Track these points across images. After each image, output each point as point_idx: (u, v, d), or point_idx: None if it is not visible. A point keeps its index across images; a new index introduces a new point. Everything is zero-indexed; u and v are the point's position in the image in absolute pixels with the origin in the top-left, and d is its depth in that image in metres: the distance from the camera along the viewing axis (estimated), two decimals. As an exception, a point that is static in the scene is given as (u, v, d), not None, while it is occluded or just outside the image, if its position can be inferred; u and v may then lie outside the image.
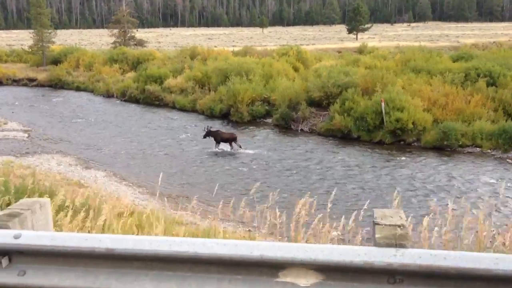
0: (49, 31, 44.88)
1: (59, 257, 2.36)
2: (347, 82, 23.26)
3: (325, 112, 23.46)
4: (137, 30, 54.57)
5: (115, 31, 51.32)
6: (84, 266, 2.35)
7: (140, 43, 50.69)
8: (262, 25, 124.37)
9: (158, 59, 38.63)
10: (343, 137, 21.12)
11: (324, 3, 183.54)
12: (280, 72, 29.35)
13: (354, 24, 76.86)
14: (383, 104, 20.20)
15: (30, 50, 45.76)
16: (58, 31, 48.91)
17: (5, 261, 2.41)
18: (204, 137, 20.14)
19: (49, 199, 3.37)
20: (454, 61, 28.76)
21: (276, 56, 35.60)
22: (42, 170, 16.55)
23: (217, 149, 19.96)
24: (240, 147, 19.84)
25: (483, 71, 22.68)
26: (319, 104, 24.02)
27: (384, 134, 20.06)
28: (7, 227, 2.56)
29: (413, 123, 19.61)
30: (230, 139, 20.01)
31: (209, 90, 28.85)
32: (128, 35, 50.11)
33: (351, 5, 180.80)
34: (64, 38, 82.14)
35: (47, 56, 44.51)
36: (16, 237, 2.39)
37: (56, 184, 12.53)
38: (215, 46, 55.92)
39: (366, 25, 79.83)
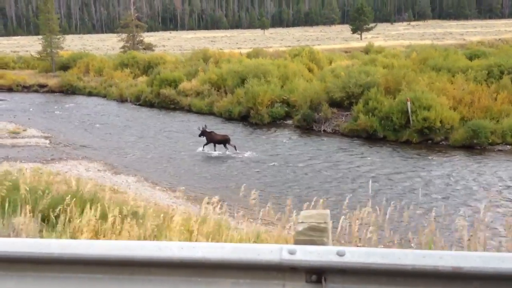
0: (58, 36, 44.75)
1: None
2: (369, 82, 23.15)
3: (347, 113, 23.34)
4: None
5: (124, 35, 51.23)
6: None
7: (149, 47, 50.59)
8: (263, 26, 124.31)
9: (169, 62, 38.50)
10: (368, 137, 20.99)
11: (323, 4, 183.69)
12: (296, 73, 29.25)
13: (358, 23, 76.80)
14: (409, 103, 20.08)
15: (39, 56, 45.61)
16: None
17: None
18: (200, 136, 20.31)
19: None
20: (468, 59, 28.71)
21: (288, 57, 35.51)
22: (73, 177, 16.41)
23: (206, 150, 20.05)
24: (235, 148, 19.78)
25: (507, 68, 22.58)
26: (340, 104, 23.89)
27: (411, 134, 19.94)
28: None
29: (440, 122, 19.49)
30: (223, 141, 20.02)
31: (225, 93, 28.72)
32: (137, 39, 50.04)
33: (350, 5, 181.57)
34: (67, 44, 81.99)
35: (56, 62, 44.37)
36: None
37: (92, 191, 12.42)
38: (221, 49, 55.84)
39: (370, 25, 79.81)
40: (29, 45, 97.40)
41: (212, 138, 20.14)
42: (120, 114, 29.77)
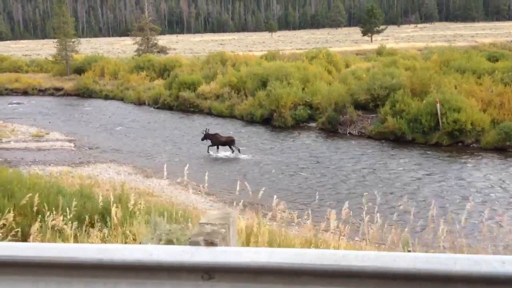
0: (73, 40, 44.79)
1: None
2: (394, 84, 22.98)
3: (372, 115, 23.18)
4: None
5: (138, 38, 51.25)
6: None
7: (163, 50, 50.58)
8: (271, 29, 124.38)
9: (185, 65, 38.43)
10: (396, 140, 20.81)
11: (329, 7, 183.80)
12: (316, 75, 29.12)
13: (368, 26, 76.65)
14: (438, 105, 19.90)
15: (54, 59, 45.64)
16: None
17: None
18: (202, 139, 20.19)
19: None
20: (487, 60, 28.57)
21: (305, 60, 35.38)
22: (105, 180, 16.33)
23: (211, 153, 20.04)
24: (239, 151, 19.74)
25: (535, 70, 22.40)
26: (365, 107, 23.75)
27: (441, 136, 19.74)
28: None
29: (471, 124, 19.31)
30: (228, 142, 19.98)
31: (245, 96, 28.60)
32: (151, 42, 50.06)
33: (356, 7, 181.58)
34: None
35: (70, 65, 44.41)
36: None
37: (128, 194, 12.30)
38: (232, 52, 55.82)
39: (381, 27, 79.66)
40: (38, 49, 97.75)
41: (217, 140, 20.11)
42: (140, 117, 29.70)
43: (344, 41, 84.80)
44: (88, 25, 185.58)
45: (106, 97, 37.24)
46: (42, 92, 40.62)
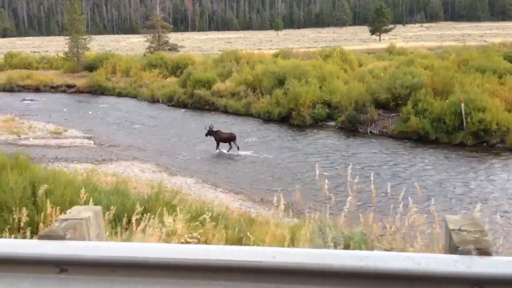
0: (84, 37, 44.68)
1: None
2: (416, 83, 22.83)
3: (392, 114, 23.05)
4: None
5: (150, 36, 51.12)
6: None
7: (174, 47, 50.44)
8: (277, 28, 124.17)
9: (198, 63, 38.31)
10: (419, 140, 20.66)
11: (334, 5, 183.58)
12: (333, 74, 28.98)
13: (377, 25, 76.43)
14: (463, 105, 19.75)
15: (66, 56, 45.53)
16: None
17: None
18: (206, 135, 20.59)
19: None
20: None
21: (319, 58, 35.22)
22: (131, 178, 16.22)
23: (218, 150, 20.22)
24: (238, 148, 19.90)
25: (559, 69, 22.23)
26: (385, 106, 23.61)
27: (465, 136, 19.58)
28: None
29: (496, 124, 19.16)
30: (229, 139, 20.19)
31: (261, 94, 28.46)
32: (162, 40, 49.94)
33: (361, 6, 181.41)
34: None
35: (81, 62, 44.31)
36: None
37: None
38: (241, 50, 55.65)
39: (389, 26, 79.42)
40: (45, 46, 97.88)
41: (218, 137, 20.36)
42: (155, 115, 29.58)
43: (352, 40, 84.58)
44: (92, 22, 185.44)
45: (119, 95, 37.12)
46: (54, 89, 40.52)
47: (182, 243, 8.14)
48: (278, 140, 22.31)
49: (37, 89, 40.59)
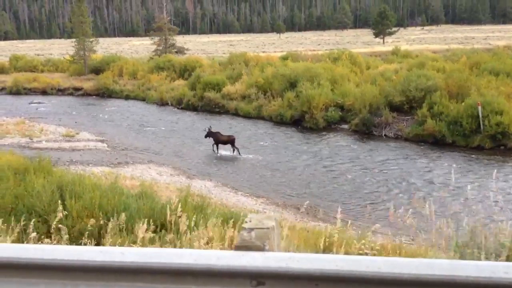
0: (91, 39, 44.58)
1: None
2: (431, 86, 22.74)
3: (407, 117, 22.94)
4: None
5: (156, 39, 51.03)
6: None
7: (181, 50, 50.34)
8: (279, 30, 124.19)
9: (206, 66, 38.23)
10: (435, 143, 20.55)
11: (335, 8, 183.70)
12: (344, 76, 28.89)
13: (381, 28, 76.40)
14: (480, 107, 19.65)
15: (72, 59, 45.42)
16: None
17: None
18: (205, 136, 20.74)
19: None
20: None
21: (328, 61, 35.11)
22: (151, 181, 16.08)
23: (218, 152, 20.36)
24: (238, 151, 19.99)
25: None
26: (399, 108, 23.49)
27: (483, 139, 19.46)
28: None
29: (514, 127, 19.06)
30: (229, 141, 20.29)
31: (272, 97, 28.36)
32: (169, 42, 49.85)
33: (362, 9, 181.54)
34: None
35: (88, 65, 44.21)
36: None
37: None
38: (247, 52, 55.57)
39: (393, 29, 79.39)
40: (47, 49, 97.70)
41: (217, 139, 20.45)
42: (166, 118, 29.46)
43: (355, 42, 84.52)
44: (94, 25, 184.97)
45: (127, 97, 37.00)
46: (61, 91, 40.39)
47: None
48: (293, 143, 22.20)
49: (44, 92, 40.46)
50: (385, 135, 22.39)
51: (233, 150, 20.17)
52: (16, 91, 40.35)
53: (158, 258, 1.76)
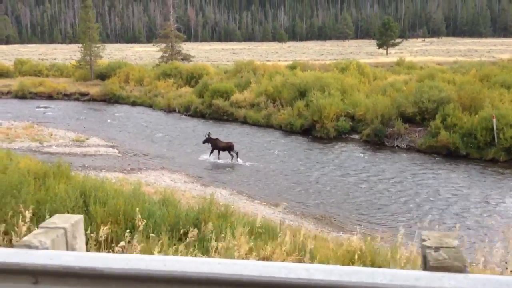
0: (98, 45, 44.57)
1: None
2: (444, 97, 22.70)
3: (419, 128, 22.88)
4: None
5: (163, 45, 51.05)
6: None
7: (186, 57, 50.36)
8: (281, 40, 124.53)
9: (213, 73, 38.21)
10: (449, 155, 20.47)
11: (336, 19, 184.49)
12: (353, 87, 28.88)
13: (384, 38, 76.63)
14: (494, 120, 19.60)
15: (78, 64, 45.39)
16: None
17: None
18: (204, 142, 20.99)
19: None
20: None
21: (335, 71, 35.11)
22: (168, 188, 15.93)
23: (212, 157, 20.55)
24: (237, 156, 20.17)
25: None
26: (411, 119, 23.44)
27: (497, 152, 19.39)
28: None
29: (529, 140, 19.00)
30: (227, 148, 20.46)
31: (281, 105, 28.31)
32: (175, 49, 49.86)
33: (364, 20, 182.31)
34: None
35: (94, 70, 44.15)
36: None
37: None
38: (253, 61, 55.58)
39: (397, 40, 79.63)
40: (50, 53, 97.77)
41: (216, 145, 20.61)
42: (174, 125, 29.35)
43: (358, 53, 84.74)
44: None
45: (133, 103, 36.91)
46: (67, 96, 40.30)
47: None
48: (305, 152, 22.11)
49: (49, 97, 40.36)
50: (397, 146, 22.31)
51: (232, 157, 20.29)
52: (22, 95, 40.25)
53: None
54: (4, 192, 9.32)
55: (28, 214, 6.72)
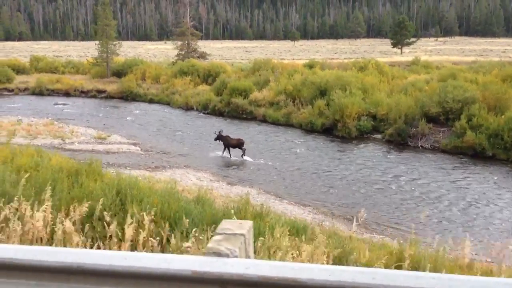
0: (114, 42, 44.64)
1: None
2: (468, 97, 22.44)
3: (443, 128, 22.64)
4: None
5: (179, 43, 51.03)
6: None
7: (203, 55, 50.30)
8: (294, 38, 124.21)
9: (230, 71, 38.11)
10: (474, 155, 20.22)
11: (348, 17, 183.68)
12: (374, 86, 28.66)
13: (399, 38, 76.11)
14: (522, 121, 19.34)
15: (95, 61, 45.51)
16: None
17: None
18: (215, 139, 21.04)
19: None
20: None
21: (354, 70, 34.89)
22: (191, 186, 15.87)
23: (225, 154, 20.65)
24: (244, 153, 20.34)
25: None
26: (434, 119, 23.20)
27: (525, 153, 19.16)
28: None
29: (558, 141, 18.73)
30: (238, 145, 20.54)
31: (301, 104, 28.15)
32: (191, 47, 49.82)
33: (376, 19, 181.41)
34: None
35: (110, 67, 44.23)
36: None
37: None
38: (271, 59, 55.36)
39: (412, 39, 79.08)
40: (62, 50, 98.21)
41: (227, 142, 20.66)
42: (193, 123, 29.28)
43: (372, 52, 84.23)
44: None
45: (151, 101, 36.90)
46: (84, 93, 40.39)
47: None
48: (328, 152, 21.94)
49: (66, 94, 40.47)
50: (421, 146, 22.08)
51: (243, 154, 20.36)
52: (39, 91, 40.41)
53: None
54: (38, 189, 9.27)
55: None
